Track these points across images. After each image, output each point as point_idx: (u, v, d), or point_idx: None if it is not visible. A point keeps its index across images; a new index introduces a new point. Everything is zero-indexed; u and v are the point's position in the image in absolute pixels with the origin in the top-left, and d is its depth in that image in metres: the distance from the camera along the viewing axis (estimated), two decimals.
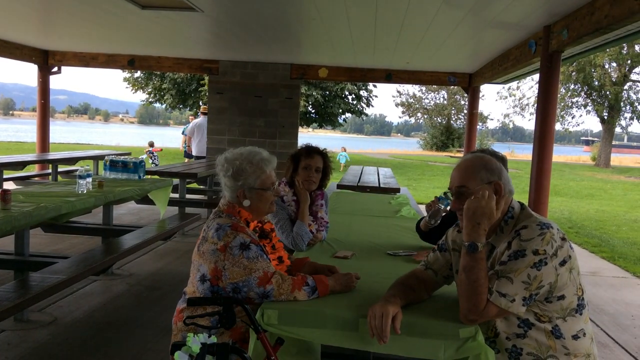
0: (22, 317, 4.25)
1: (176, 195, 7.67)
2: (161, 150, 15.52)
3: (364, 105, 28.07)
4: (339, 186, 7.39)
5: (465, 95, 12.50)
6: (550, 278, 1.94)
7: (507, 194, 2.10)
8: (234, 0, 6.33)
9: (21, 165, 9.15)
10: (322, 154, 3.54)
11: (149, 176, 6.70)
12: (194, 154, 12.54)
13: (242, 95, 11.81)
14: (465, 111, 15.43)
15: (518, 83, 32.17)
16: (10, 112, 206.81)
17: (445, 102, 47.52)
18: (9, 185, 8.30)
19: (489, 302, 1.95)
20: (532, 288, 1.93)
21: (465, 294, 2.00)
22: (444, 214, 3.31)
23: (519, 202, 2.17)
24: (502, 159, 2.84)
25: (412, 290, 2.22)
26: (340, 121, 29.02)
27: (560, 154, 46.07)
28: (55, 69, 12.12)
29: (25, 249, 4.47)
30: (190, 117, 12.79)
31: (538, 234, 1.96)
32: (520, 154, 43.38)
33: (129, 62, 11.90)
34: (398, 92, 48.07)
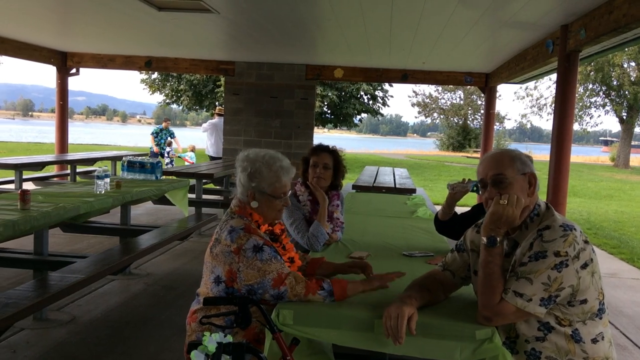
0: (41, 316, 4.31)
1: (193, 196, 7.72)
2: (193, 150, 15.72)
3: (380, 106, 27.99)
4: (355, 187, 7.37)
5: (482, 95, 12.42)
6: (571, 281, 1.92)
7: (537, 188, 2.10)
8: (250, 2, 6.36)
9: (40, 165, 9.26)
10: (330, 151, 3.54)
11: (166, 177, 6.76)
12: (210, 154, 12.61)
13: (258, 96, 11.85)
14: (482, 111, 15.33)
15: (535, 83, 31.92)
16: (30, 113, 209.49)
17: (461, 102, 47.24)
18: (28, 186, 8.41)
19: (503, 300, 1.95)
20: (552, 290, 1.91)
21: (481, 288, 2.02)
22: (464, 192, 3.22)
23: (544, 201, 2.16)
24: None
25: (429, 291, 2.21)
26: (356, 121, 28.95)
27: (579, 154, 45.58)
28: (74, 70, 12.26)
29: (44, 249, 4.52)
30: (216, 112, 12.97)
31: (560, 236, 1.94)
32: (538, 154, 42.92)
33: (146, 64, 12.00)
34: (414, 92, 47.93)
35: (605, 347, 2.01)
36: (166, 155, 14.79)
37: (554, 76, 7.75)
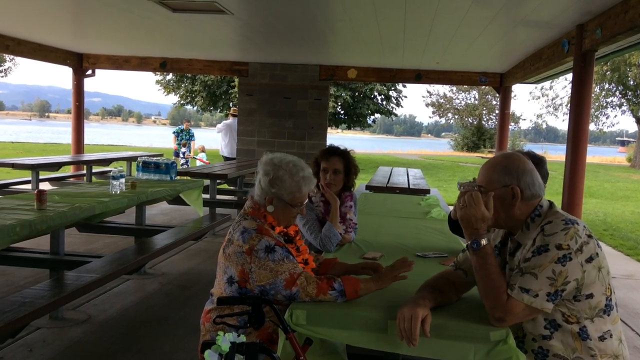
0: (57, 315, 4.34)
1: (207, 196, 7.75)
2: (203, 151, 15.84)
3: (394, 106, 27.93)
4: (368, 187, 7.37)
5: (497, 95, 12.35)
6: (576, 274, 1.92)
7: (529, 198, 2.08)
8: (264, 3, 6.38)
9: (57, 166, 9.35)
10: (340, 154, 3.50)
11: (181, 177, 6.80)
12: (224, 155, 12.67)
13: (272, 97, 11.89)
14: (497, 111, 15.24)
15: (551, 83, 31.64)
16: (46, 114, 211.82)
17: (476, 102, 46.95)
18: (44, 186, 8.50)
19: (511, 298, 1.94)
20: (558, 284, 1.91)
21: (484, 292, 2.02)
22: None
23: (548, 200, 2.15)
24: (539, 160, 2.80)
25: (441, 292, 2.21)
26: (370, 122, 28.91)
27: (595, 154, 45.11)
28: (90, 71, 12.38)
29: (60, 248, 4.56)
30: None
31: (562, 229, 1.94)
32: (554, 154, 42.59)
33: (160, 65, 12.08)
34: (428, 92, 47.65)
35: (614, 345, 1.99)
36: (181, 155, 14.89)
37: (569, 76, 7.70)
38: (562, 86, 32.49)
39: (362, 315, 2.13)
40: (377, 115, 29.20)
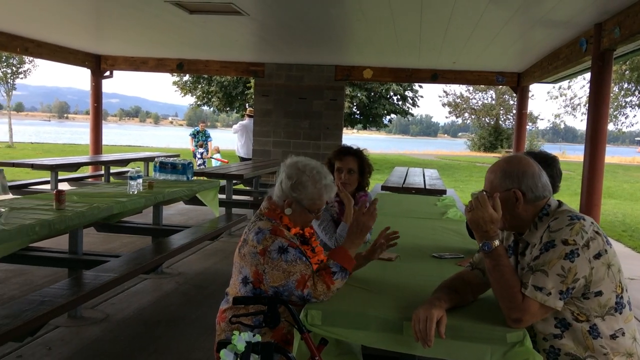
0: (76, 314, 4.39)
1: (223, 196, 7.79)
2: (218, 151, 15.93)
3: (410, 106, 27.84)
4: (384, 187, 7.35)
5: (514, 95, 12.26)
6: (584, 271, 1.91)
7: (533, 200, 2.08)
8: (280, 4, 6.40)
9: (75, 166, 9.45)
10: (354, 154, 3.50)
11: (197, 177, 6.84)
12: (240, 155, 12.72)
13: (287, 97, 11.92)
14: (514, 111, 15.12)
15: (569, 82, 31.26)
16: (65, 115, 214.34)
17: (493, 102, 46.61)
18: (63, 186, 8.60)
19: (526, 297, 1.94)
20: (568, 281, 1.90)
21: (499, 293, 2.01)
22: None
23: (557, 200, 2.15)
24: (551, 160, 2.77)
25: (457, 293, 2.20)
26: (385, 122, 28.85)
27: (614, 154, 44.56)
28: (107, 73, 12.51)
29: (78, 248, 4.61)
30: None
31: (567, 224, 1.95)
32: (572, 155, 42.19)
33: (177, 66, 12.17)
34: (445, 92, 47.36)
35: (628, 343, 1.98)
36: (198, 156, 14.99)
37: (588, 75, 7.62)
38: (581, 85, 32.25)
39: (378, 316, 2.13)
40: (393, 116, 29.12)
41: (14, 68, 25.27)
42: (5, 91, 26.10)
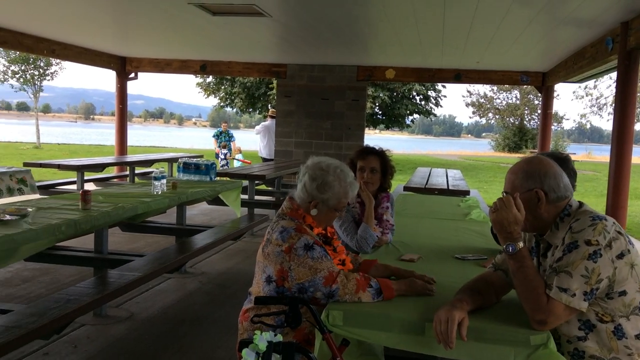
0: (101, 312, 4.45)
1: (245, 197, 7.84)
2: (240, 152, 16.01)
3: (433, 106, 27.67)
4: (406, 188, 7.32)
5: (539, 94, 12.11)
6: (607, 271, 1.90)
7: (555, 200, 2.07)
8: (302, 4, 6.41)
9: (101, 167, 9.59)
10: (377, 154, 3.50)
11: (220, 178, 6.89)
12: (262, 156, 12.78)
13: (309, 98, 11.93)
14: (539, 111, 14.93)
15: (595, 82, 30.82)
16: (91, 116, 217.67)
17: (518, 101, 46.10)
18: (89, 186, 8.73)
19: (550, 299, 1.92)
20: (592, 282, 1.89)
21: (523, 295, 2.00)
22: None
23: (578, 201, 2.13)
24: (563, 160, 2.74)
25: (480, 294, 2.18)
26: (408, 122, 28.72)
27: None
28: (132, 75, 12.66)
29: (104, 247, 4.68)
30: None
31: (589, 225, 1.94)
32: (598, 155, 41.52)
33: (201, 68, 12.27)
34: (468, 92, 46.98)
35: None
36: (221, 157, 15.09)
37: (614, 75, 7.49)
38: (607, 85, 31.67)
39: (400, 317, 2.12)
40: (416, 116, 28.98)
41: (41, 70, 25.72)
42: (32, 93, 26.59)
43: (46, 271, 5.58)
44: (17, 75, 25.46)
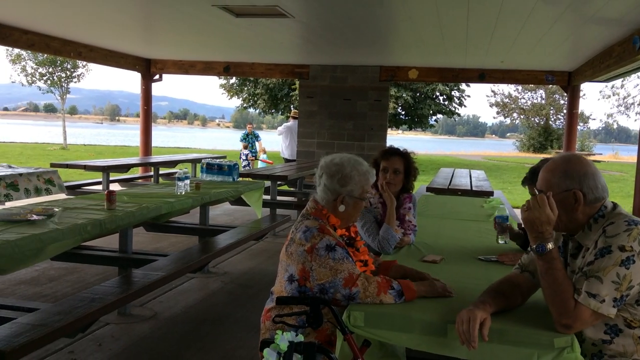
0: (125, 311, 4.51)
1: (267, 197, 7.87)
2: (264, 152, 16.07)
3: (456, 106, 27.47)
4: (429, 189, 7.27)
5: (565, 94, 11.93)
6: (639, 278, 1.85)
7: (592, 202, 2.01)
8: (325, 5, 6.41)
9: (126, 167, 9.70)
10: (401, 155, 3.48)
11: (243, 178, 6.93)
12: (284, 156, 12.82)
13: (332, 99, 11.93)
14: (565, 111, 14.72)
15: (622, 81, 30.30)
16: (117, 117, 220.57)
17: (543, 101, 45.52)
18: (114, 187, 8.84)
19: (578, 304, 1.88)
20: (623, 289, 1.84)
21: (550, 298, 1.96)
22: (508, 230, 3.40)
23: (612, 202, 2.07)
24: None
25: (504, 296, 2.15)
26: (431, 122, 28.54)
27: None
28: (157, 76, 12.80)
29: (128, 247, 4.73)
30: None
31: (624, 230, 1.88)
32: (625, 155, 40.75)
33: (224, 69, 12.35)
34: (492, 91, 46.51)
35: None
36: (243, 157, 15.16)
37: None
38: (634, 84, 31.10)
39: (422, 319, 2.11)
40: (439, 116, 28.79)
41: (68, 72, 26.14)
42: (59, 95, 27.03)
43: (72, 270, 5.67)
44: (45, 78, 25.90)
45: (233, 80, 26.64)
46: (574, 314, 1.89)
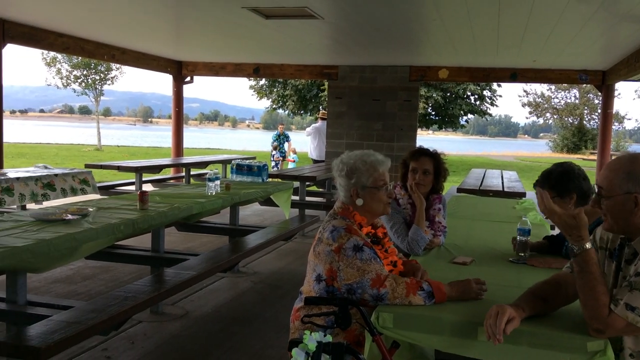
0: (157, 309, 4.57)
1: (296, 198, 7.89)
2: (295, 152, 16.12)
3: (488, 106, 27.10)
4: (459, 190, 7.20)
5: (599, 93, 11.69)
6: None
7: None
8: (354, 6, 6.41)
9: (158, 168, 9.84)
10: (431, 155, 3.45)
11: (272, 179, 6.97)
12: (313, 157, 12.84)
13: (361, 99, 11.89)
14: (599, 111, 14.40)
15: None
16: (149, 119, 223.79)
17: (577, 101, 44.65)
18: (147, 187, 8.97)
19: (613, 313, 1.82)
20: None
21: (583, 301, 1.91)
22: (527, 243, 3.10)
23: None
24: (585, 176, 2.66)
25: (543, 300, 2.08)
26: (462, 122, 28.22)
27: None
28: (188, 78, 12.95)
29: (160, 246, 4.80)
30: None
31: None
32: None
33: (254, 71, 12.43)
34: (525, 91, 45.80)
35: None
36: (272, 158, 15.24)
37: None
38: None
39: (452, 320, 2.10)
40: (470, 116, 28.46)
41: (102, 75, 26.65)
42: (94, 97, 27.59)
43: (106, 269, 5.78)
44: (79, 80, 26.46)
45: (262, 81, 26.79)
46: (607, 321, 1.83)
